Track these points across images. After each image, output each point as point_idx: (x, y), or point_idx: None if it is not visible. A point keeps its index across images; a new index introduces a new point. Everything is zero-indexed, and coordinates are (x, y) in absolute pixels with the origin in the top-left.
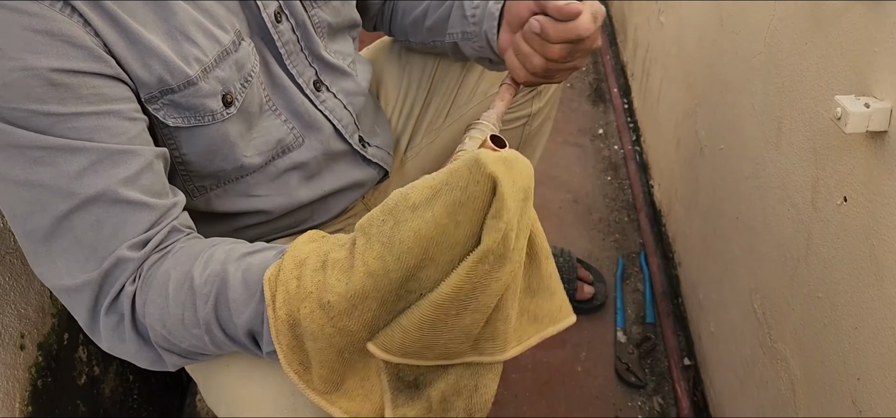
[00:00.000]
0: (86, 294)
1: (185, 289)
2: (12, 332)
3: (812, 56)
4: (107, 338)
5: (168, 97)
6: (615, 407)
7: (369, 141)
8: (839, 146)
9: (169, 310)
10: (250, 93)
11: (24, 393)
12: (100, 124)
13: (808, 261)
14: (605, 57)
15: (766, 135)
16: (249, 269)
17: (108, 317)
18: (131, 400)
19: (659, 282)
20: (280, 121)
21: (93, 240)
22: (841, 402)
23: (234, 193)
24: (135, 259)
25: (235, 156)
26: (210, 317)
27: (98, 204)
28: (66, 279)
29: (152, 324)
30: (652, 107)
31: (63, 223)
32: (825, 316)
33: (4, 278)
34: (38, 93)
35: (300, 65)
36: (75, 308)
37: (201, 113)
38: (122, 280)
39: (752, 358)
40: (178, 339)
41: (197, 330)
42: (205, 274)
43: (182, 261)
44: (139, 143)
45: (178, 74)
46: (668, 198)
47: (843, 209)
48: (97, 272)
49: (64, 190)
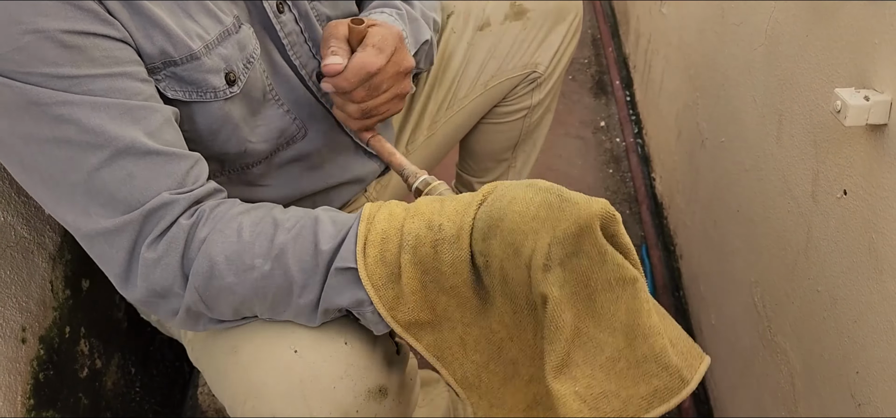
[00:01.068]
0: (126, 234)
1: (266, 223)
2: (14, 326)
3: (812, 49)
4: (144, 277)
5: (170, 69)
6: None
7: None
8: (839, 139)
9: (240, 240)
10: (253, 76)
11: (25, 386)
12: (113, 85)
13: (807, 254)
14: (608, 49)
15: (766, 127)
16: (338, 215)
17: (149, 252)
18: (133, 392)
19: (660, 275)
20: (282, 111)
21: (128, 192)
22: (840, 395)
23: (239, 183)
24: (182, 200)
25: (239, 138)
26: (288, 244)
27: (128, 156)
28: (103, 222)
29: (207, 253)
30: (654, 99)
31: (94, 178)
32: (825, 310)
33: (6, 272)
34: (52, 56)
35: (303, 56)
36: (111, 251)
37: (203, 88)
38: (170, 216)
39: (752, 350)
40: (228, 270)
41: (259, 261)
42: (288, 214)
43: (256, 208)
44: (155, 101)
45: (180, 47)
46: (670, 191)
47: (843, 202)
48: (139, 211)
49: (92, 143)
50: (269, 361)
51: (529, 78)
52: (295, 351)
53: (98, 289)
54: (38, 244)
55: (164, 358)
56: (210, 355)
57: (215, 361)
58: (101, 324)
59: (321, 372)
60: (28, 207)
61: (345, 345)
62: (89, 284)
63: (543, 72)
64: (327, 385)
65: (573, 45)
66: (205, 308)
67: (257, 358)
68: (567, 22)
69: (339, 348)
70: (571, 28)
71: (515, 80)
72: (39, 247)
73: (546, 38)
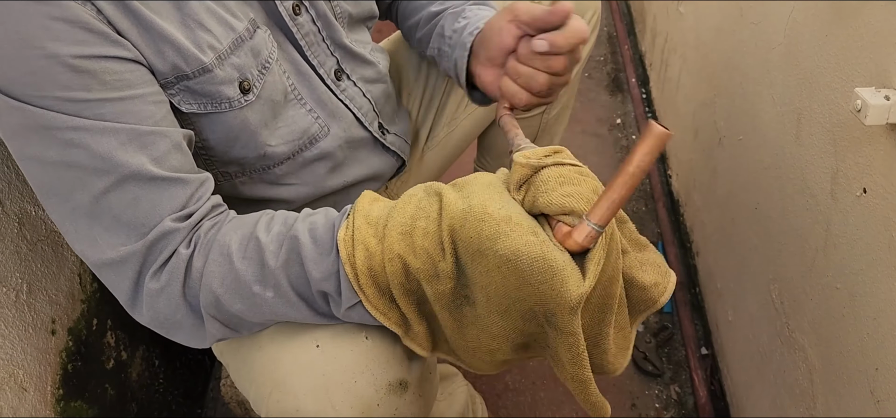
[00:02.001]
0: (130, 264)
1: (252, 248)
2: (44, 318)
3: (832, 48)
4: (149, 306)
5: (183, 83)
6: (632, 395)
7: (388, 128)
8: (859, 138)
9: (231, 268)
10: (271, 80)
11: (55, 376)
12: (125, 109)
13: (826, 251)
14: (624, 47)
15: (785, 126)
16: (315, 228)
17: (152, 282)
18: (157, 383)
19: (676, 272)
20: (305, 110)
21: (132, 216)
22: (859, 392)
23: (261, 181)
24: (182, 228)
25: (257, 143)
26: (279, 273)
27: (134, 181)
28: (109, 252)
29: (208, 286)
30: (670, 97)
31: (101, 201)
32: (844, 307)
33: (36, 265)
34: (64, 80)
35: (321, 55)
36: (118, 280)
37: (217, 100)
38: (171, 246)
39: (770, 347)
40: (231, 301)
41: (258, 288)
42: (270, 233)
43: (240, 226)
44: (165, 125)
45: (192, 61)
46: (686, 188)
47: (863, 200)
48: (141, 242)
49: (99, 168)
50: (292, 356)
51: None
52: (317, 346)
53: None
54: None
55: (186, 352)
56: (235, 351)
57: (240, 356)
58: (127, 317)
59: (343, 366)
60: None
61: (365, 340)
62: None
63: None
64: (349, 379)
65: (591, 43)
66: (231, 332)
67: (281, 354)
68: (587, 17)
69: (359, 343)
70: (589, 26)
71: None
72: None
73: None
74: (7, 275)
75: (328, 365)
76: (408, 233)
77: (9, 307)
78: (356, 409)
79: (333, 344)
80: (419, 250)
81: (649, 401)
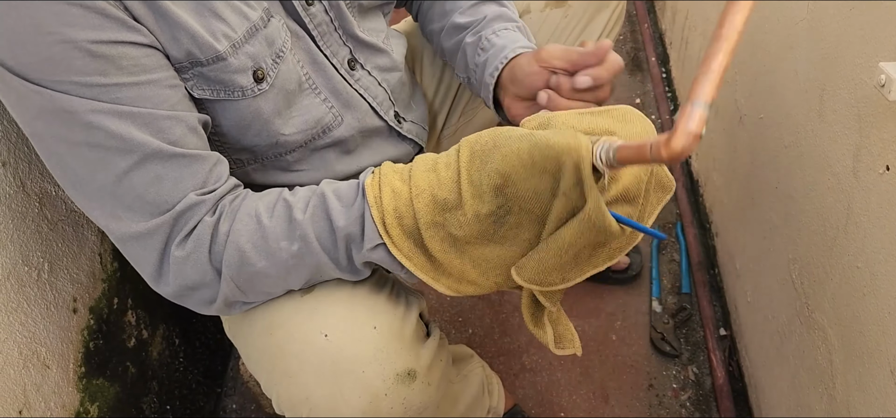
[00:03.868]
0: (157, 236)
1: (280, 207)
2: (65, 296)
3: (856, 22)
4: (175, 273)
5: (197, 69)
6: (649, 376)
7: (405, 116)
8: (883, 113)
9: (259, 225)
10: (285, 69)
11: (77, 354)
12: (141, 94)
13: (847, 230)
14: (643, 25)
15: (808, 103)
16: (339, 187)
17: (179, 250)
18: (177, 362)
19: (695, 253)
20: (320, 100)
21: (155, 194)
22: (879, 372)
23: (274, 168)
24: (207, 200)
25: (270, 132)
26: (307, 224)
27: (155, 160)
28: (135, 226)
29: (235, 243)
30: (691, 75)
31: (124, 181)
32: (864, 286)
33: (57, 244)
34: (79, 65)
35: (334, 45)
36: (144, 253)
37: (230, 88)
38: (196, 217)
39: (789, 327)
40: (257, 257)
41: (285, 242)
42: (296, 195)
43: (266, 194)
44: (180, 109)
45: (206, 49)
46: (706, 168)
47: (886, 178)
48: (170, 214)
49: (121, 148)
50: (300, 345)
51: None
52: (325, 336)
53: None
54: (88, 218)
55: (206, 331)
56: (245, 336)
57: (250, 341)
58: (147, 297)
59: (351, 355)
60: None
61: (374, 330)
62: None
63: None
64: (357, 368)
65: (615, 32)
66: (241, 294)
67: (290, 342)
68: (610, 9)
69: (367, 333)
70: (614, 15)
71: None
72: (89, 221)
73: (588, 26)
74: (29, 255)
75: (337, 355)
76: (432, 169)
77: (31, 285)
78: (365, 399)
79: (342, 334)
80: (444, 180)
81: (666, 382)
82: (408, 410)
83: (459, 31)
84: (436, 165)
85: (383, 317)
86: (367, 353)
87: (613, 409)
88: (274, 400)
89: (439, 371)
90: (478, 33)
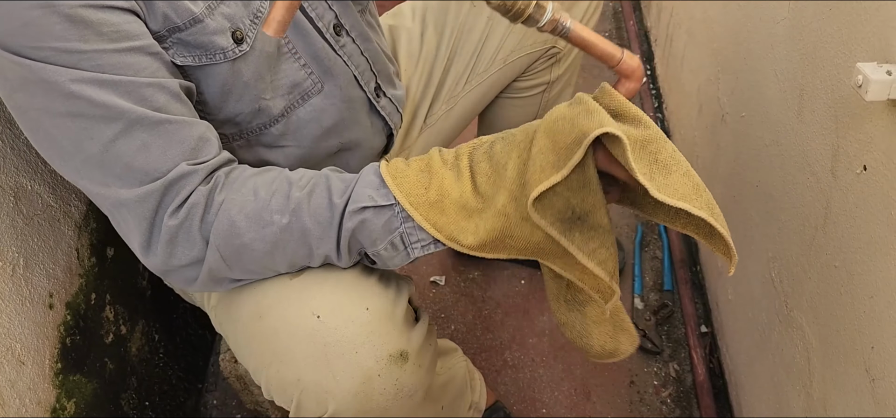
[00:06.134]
0: (148, 203)
1: (280, 181)
2: (41, 292)
3: (835, 22)
4: (166, 243)
5: (176, 36)
6: (631, 372)
7: (385, 90)
8: (860, 114)
9: (256, 197)
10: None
11: (53, 350)
12: (122, 60)
13: (825, 229)
14: (629, 22)
15: (787, 102)
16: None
17: (170, 219)
18: (157, 358)
19: (678, 250)
20: (298, 65)
21: (144, 162)
22: (855, 370)
23: (257, 144)
24: (199, 170)
25: (251, 96)
26: (303, 199)
27: (141, 127)
28: (125, 192)
29: (227, 211)
30: (675, 73)
31: (111, 149)
32: (841, 285)
33: (33, 239)
34: (58, 30)
35: (320, 8)
36: (133, 220)
37: (211, 51)
38: (190, 186)
39: (769, 325)
40: (247, 227)
41: (277, 216)
42: (302, 173)
43: (269, 170)
44: (162, 76)
45: (182, 12)
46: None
47: (863, 178)
48: (160, 182)
49: (105, 117)
50: (292, 327)
51: (549, 53)
52: (317, 317)
53: (123, 257)
54: (65, 212)
55: (187, 326)
56: (234, 321)
57: (240, 327)
58: (126, 292)
59: (343, 337)
60: (54, 176)
61: (366, 311)
62: (114, 252)
63: (563, 47)
64: (349, 349)
65: (594, 20)
66: (226, 268)
67: (281, 325)
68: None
69: (360, 314)
70: (593, 3)
71: (535, 54)
72: (65, 216)
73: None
74: (3, 249)
75: (329, 336)
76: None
77: (5, 281)
78: (357, 380)
79: (334, 315)
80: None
81: (648, 378)
82: (400, 391)
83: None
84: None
85: (375, 299)
86: (360, 334)
87: (595, 406)
88: (263, 384)
89: (429, 354)
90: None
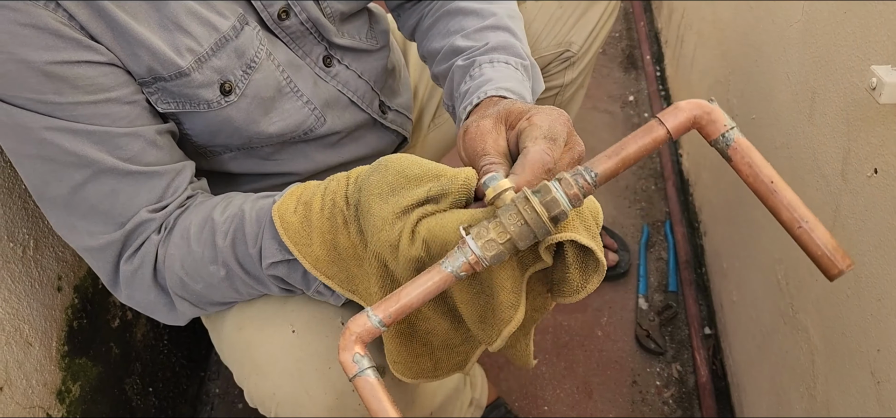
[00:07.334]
0: (109, 251)
1: (207, 229)
2: (50, 274)
3: (850, 25)
4: (125, 286)
5: (160, 84)
6: (633, 372)
7: (390, 104)
8: (873, 117)
9: (190, 250)
10: (258, 78)
11: (60, 332)
12: (98, 111)
13: (834, 232)
14: (639, 23)
15: (799, 105)
16: (263, 209)
17: (127, 265)
18: (161, 344)
19: (683, 251)
20: (301, 103)
21: (109, 207)
22: (859, 373)
23: (254, 157)
24: (157, 217)
25: (242, 136)
26: (227, 251)
27: (111, 175)
28: (89, 240)
29: (172, 268)
30: (685, 74)
31: (79, 192)
32: (848, 288)
33: (43, 222)
34: (33, 84)
35: (307, 46)
36: (98, 265)
37: (195, 101)
38: (144, 234)
39: (773, 327)
40: (194, 280)
41: (213, 267)
42: (224, 215)
43: (203, 209)
44: (140, 124)
45: (168, 65)
46: (697, 168)
47: (873, 181)
48: (120, 232)
49: (75, 164)
50: (269, 341)
51: (563, 56)
52: (293, 331)
53: None
54: None
55: None
56: (218, 330)
57: (223, 336)
58: None
59: (317, 351)
60: None
61: (341, 325)
62: None
63: (577, 51)
64: (323, 364)
65: (609, 25)
66: (200, 310)
67: (259, 338)
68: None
69: (335, 328)
70: (609, 8)
71: (548, 57)
72: None
73: (582, 17)
74: (14, 231)
75: (303, 351)
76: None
77: (15, 262)
78: (330, 394)
79: (308, 330)
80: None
81: (650, 379)
82: None
83: (455, 55)
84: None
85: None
86: (333, 349)
87: (596, 404)
88: (245, 393)
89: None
90: (472, 58)
